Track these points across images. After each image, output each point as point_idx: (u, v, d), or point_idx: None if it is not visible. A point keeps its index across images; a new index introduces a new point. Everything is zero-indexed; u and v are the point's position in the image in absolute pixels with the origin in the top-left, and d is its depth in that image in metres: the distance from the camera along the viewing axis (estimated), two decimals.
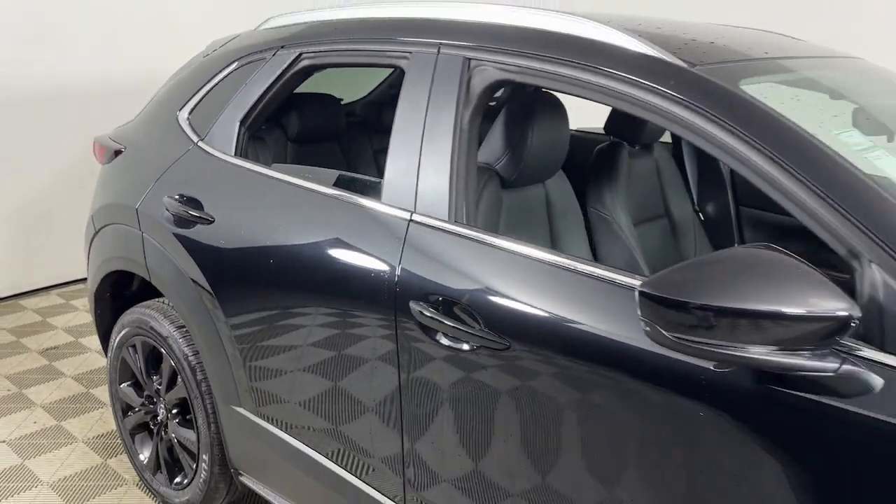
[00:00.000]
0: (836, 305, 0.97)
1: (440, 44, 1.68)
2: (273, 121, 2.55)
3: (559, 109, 1.87)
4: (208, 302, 2.04)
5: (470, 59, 1.62)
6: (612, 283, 1.27)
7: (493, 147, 1.84)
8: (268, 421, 1.98)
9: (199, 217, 2.06)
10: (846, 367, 1.01)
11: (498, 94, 2.30)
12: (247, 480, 2.19)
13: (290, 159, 2.53)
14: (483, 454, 1.47)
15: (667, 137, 2.61)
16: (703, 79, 1.31)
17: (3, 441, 2.89)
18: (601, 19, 1.49)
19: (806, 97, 1.52)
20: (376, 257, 1.62)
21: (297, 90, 2.21)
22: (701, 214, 2.52)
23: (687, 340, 1.02)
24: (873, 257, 1.06)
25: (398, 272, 1.56)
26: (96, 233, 2.51)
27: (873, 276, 1.05)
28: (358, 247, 1.67)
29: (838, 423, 1.02)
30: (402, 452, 1.62)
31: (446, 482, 1.55)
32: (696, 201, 2.56)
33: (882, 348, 1.04)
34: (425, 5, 1.81)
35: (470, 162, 1.62)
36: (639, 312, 1.05)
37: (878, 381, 1.01)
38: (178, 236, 2.12)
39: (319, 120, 2.58)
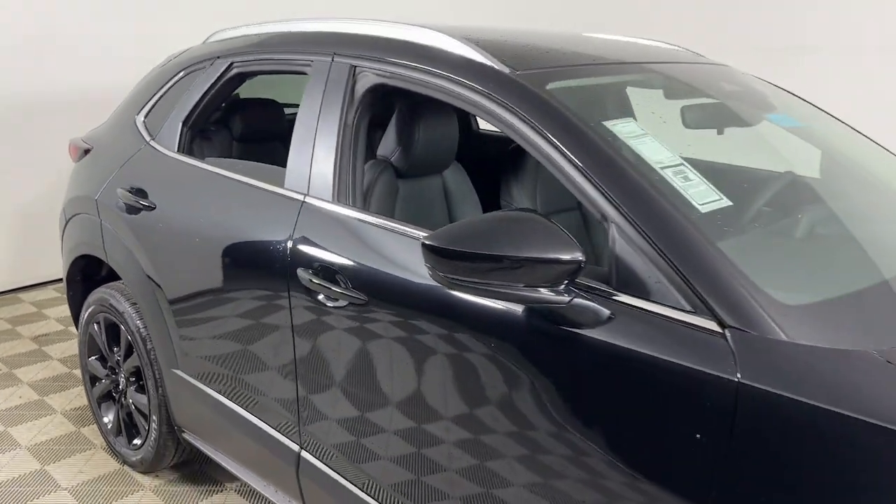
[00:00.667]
0: (568, 253, 1.26)
1: (334, 53, 1.99)
2: (221, 123, 2.86)
3: (446, 109, 2.16)
4: (151, 278, 2.35)
5: (355, 66, 1.92)
6: None
7: (389, 142, 2.14)
8: (198, 379, 2.29)
9: (144, 205, 2.38)
10: (577, 300, 1.29)
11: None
12: (188, 437, 2.49)
13: (234, 156, 2.85)
14: (354, 388, 1.75)
15: None
16: (516, 82, 1.59)
17: None
18: (451, 32, 1.78)
19: (612, 95, 1.80)
20: (276, 233, 1.91)
21: (244, 96, 2.52)
22: None
23: (458, 280, 1.30)
24: (612, 219, 1.34)
25: (290, 245, 1.86)
26: (67, 222, 2.85)
27: (612, 233, 1.33)
28: (264, 225, 1.97)
29: (576, 344, 1.30)
30: (296, 396, 1.92)
31: (329, 418, 1.84)
32: None
33: (615, 287, 1.32)
34: (326, 22, 2.12)
35: (355, 153, 1.92)
36: (423, 259, 1.33)
37: (605, 312, 1.29)
38: (127, 222, 2.44)
39: (261, 122, 2.90)
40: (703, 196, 1.40)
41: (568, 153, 1.43)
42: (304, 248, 1.83)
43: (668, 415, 1.20)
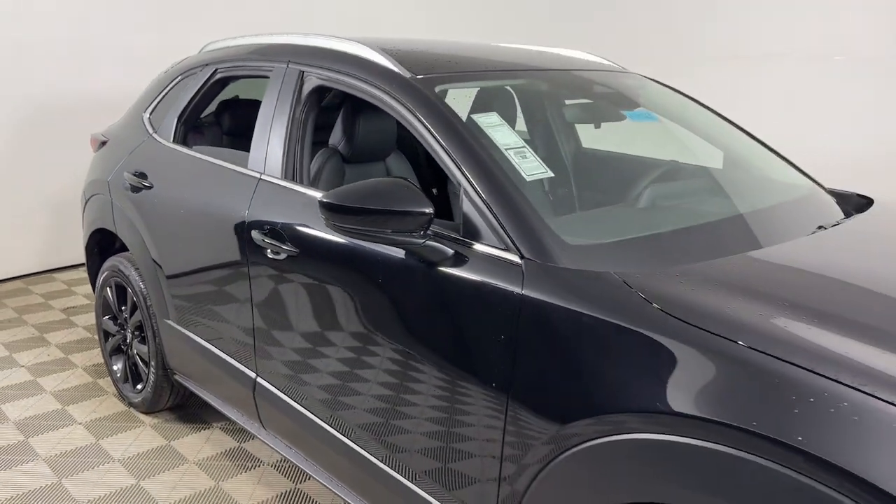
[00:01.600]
0: (422, 208, 1.73)
1: (288, 61, 2.49)
2: (215, 118, 3.38)
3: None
4: (147, 245, 2.88)
5: (303, 71, 2.42)
6: None
7: (336, 133, 2.63)
8: (183, 326, 2.80)
9: (145, 185, 2.91)
10: (429, 242, 1.75)
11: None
12: (179, 377, 3.01)
13: (224, 146, 3.37)
14: (291, 322, 2.24)
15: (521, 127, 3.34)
16: (411, 84, 2.07)
17: (23, 366, 3.78)
18: (372, 44, 2.26)
19: (493, 95, 2.27)
20: (238, 204, 2.42)
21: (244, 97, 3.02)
22: None
23: (345, 227, 1.78)
24: (462, 185, 1.81)
25: (247, 212, 2.36)
26: (86, 202, 3.40)
27: (461, 195, 1.80)
28: (230, 197, 2.47)
29: (430, 274, 1.77)
30: (252, 332, 2.41)
31: (275, 348, 2.33)
32: None
33: (461, 235, 1.78)
34: (285, 37, 2.62)
35: (302, 141, 2.41)
36: (320, 212, 1.81)
37: (449, 251, 1.75)
38: (132, 200, 2.98)
39: (245, 118, 3.41)
40: (533, 169, 1.86)
41: (439, 139, 1.90)
42: (257, 214, 2.33)
43: (486, 321, 1.66)
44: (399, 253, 1.85)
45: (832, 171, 5.24)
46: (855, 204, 2.34)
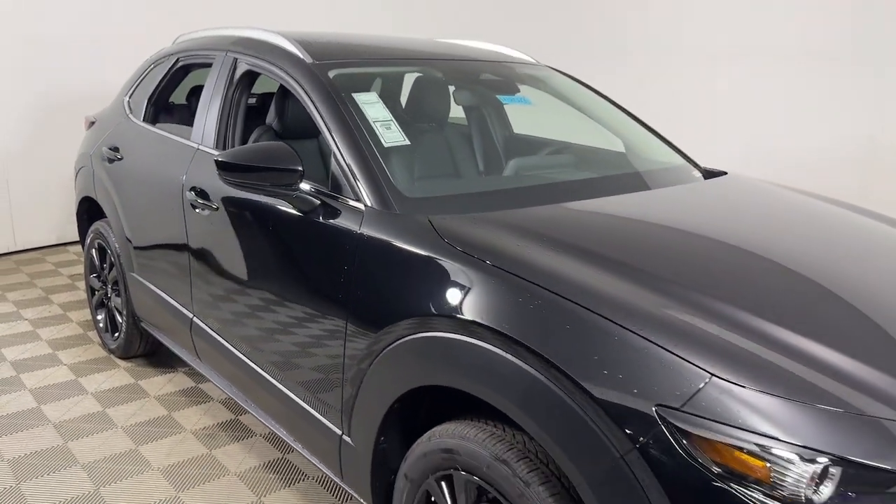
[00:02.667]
0: (294, 167, 2.14)
1: (228, 50, 2.93)
2: (186, 101, 3.84)
3: None
4: (117, 207, 3.36)
5: (236, 58, 2.86)
6: None
7: (271, 113, 3.05)
8: (143, 277, 3.27)
9: (117, 157, 3.39)
10: (299, 194, 2.16)
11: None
12: (144, 325, 3.48)
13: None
14: (214, 267, 2.67)
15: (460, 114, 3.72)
16: (310, 68, 2.48)
17: (26, 319, 4.31)
18: (287, 34, 2.67)
19: (382, 80, 2.66)
20: (179, 169, 2.86)
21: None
22: None
23: (235, 181, 2.20)
24: (332, 149, 2.21)
25: (185, 176, 2.81)
26: (76, 173, 3.91)
27: (332, 157, 2.21)
28: (174, 164, 2.92)
29: (301, 221, 2.18)
30: (189, 277, 2.86)
31: (204, 289, 2.77)
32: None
33: (329, 189, 2.18)
34: (227, 30, 3.06)
35: (235, 116, 2.83)
36: (216, 169, 2.23)
37: (315, 202, 2.16)
38: (107, 170, 3.47)
39: None
40: (393, 138, 2.26)
41: (321, 113, 2.31)
42: (191, 178, 2.78)
43: (336, 254, 2.06)
44: (281, 204, 2.27)
45: (781, 166, 5.56)
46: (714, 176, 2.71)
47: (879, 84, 5.12)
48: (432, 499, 1.85)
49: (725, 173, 2.85)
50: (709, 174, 2.85)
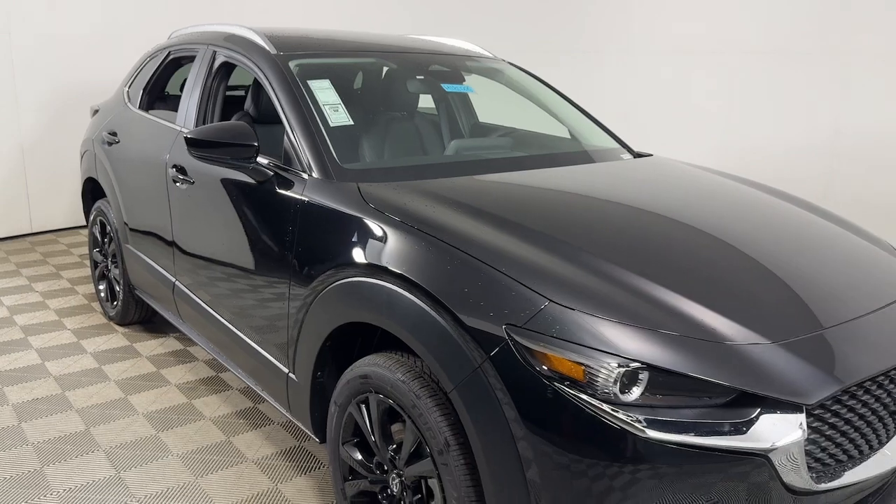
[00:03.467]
0: (251, 142, 2.49)
1: (209, 44, 3.30)
2: (181, 90, 4.21)
3: None
4: (114, 186, 3.75)
5: (215, 51, 3.22)
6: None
7: (248, 100, 3.42)
8: (135, 248, 3.65)
9: (114, 140, 3.78)
10: (254, 166, 2.51)
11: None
12: (139, 293, 3.87)
13: None
14: (192, 235, 3.04)
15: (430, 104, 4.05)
16: (273, 59, 2.82)
17: (37, 291, 4.72)
18: (258, 29, 3.02)
19: (338, 69, 3.01)
20: (164, 149, 3.23)
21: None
22: None
23: (202, 155, 2.56)
24: (286, 128, 2.55)
25: (168, 156, 3.18)
26: (82, 156, 4.31)
27: (285, 136, 2.55)
28: (161, 145, 3.29)
29: (257, 190, 2.53)
30: (172, 245, 3.22)
31: (184, 256, 3.14)
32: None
33: (282, 163, 2.53)
34: (210, 26, 3.43)
35: (214, 103, 3.20)
36: (185, 145, 2.59)
37: (269, 173, 2.51)
38: (106, 153, 3.86)
39: None
40: (339, 119, 2.60)
41: (279, 97, 2.66)
42: (173, 157, 3.14)
43: (284, 217, 2.41)
44: (241, 176, 2.62)
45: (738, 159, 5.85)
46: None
47: (843, 76, 5.37)
48: (356, 421, 2.19)
49: (651, 155, 3.17)
50: (638, 155, 3.16)
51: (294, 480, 2.69)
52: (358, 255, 2.09)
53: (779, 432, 1.55)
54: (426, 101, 3.71)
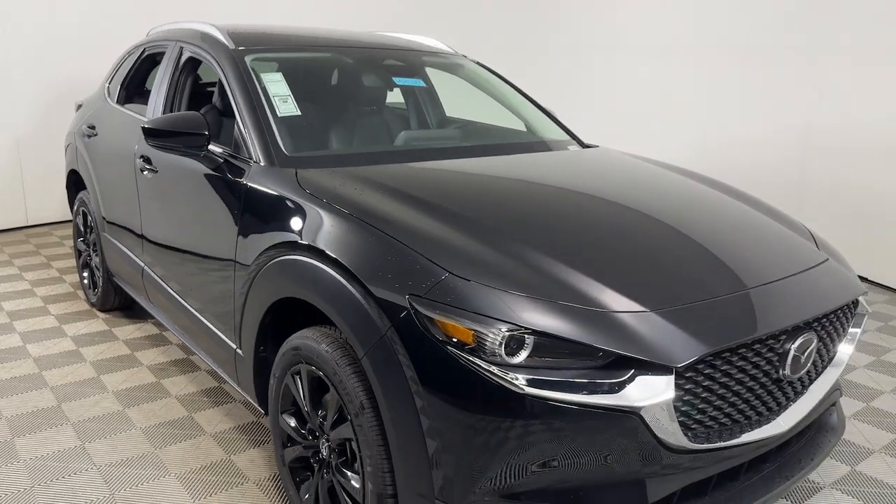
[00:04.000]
0: (202, 132, 2.65)
1: (178, 41, 3.46)
2: None
3: None
4: (92, 176, 3.92)
5: (182, 47, 3.38)
6: None
7: (216, 94, 3.58)
8: (111, 235, 3.83)
9: (93, 133, 3.95)
10: (206, 154, 2.67)
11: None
12: (116, 279, 4.04)
13: None
14: (156, 221, 3.20)
15: (399, 99, 4.20)
16: (230, 54, 2.98)
17: (27, 280, 4.91)
18: (220, 26, 3.18)
19: (293, 63, 3.16)
20: (133, 141, 3.40)
21: None
22: None
23: (157, 144, 2.72)
24: (236, 118, 2.71)
25: (137, 145, 3.34)
26: (66, 150, 4.49)
27: (235, 125, 2.71)
28: (130, 137, 3.46)
29: (208, 175, 2.69)
30: (141, 231, 3.39)
31: (150, 241, 3.30)
32: None
33: (232, 150, 2.68)
34: (177, 24, 3.59)
35: (181, 96, 3.36)
36: (143, 135, 2.75)
37: (219, 161, 2.66)
38: (85, 145, 4.03)
39: None
40: (288, 110, 2.75)
41: (233, 90, 2.82)
42: (141, 147, 3.30)
43: (231, 201, 2.57)
44: (196, 164, 2.78)
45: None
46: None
47: (813, 73, 5.47)
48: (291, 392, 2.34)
49: (598, 147, 3.30)
50: (586, 147, 3.30)
51: (247, 452, 2.85)
52: (290, 234, 2.24)
53: (649, 392, 1.68)
54: (397, 97, 3.87)
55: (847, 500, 2.62)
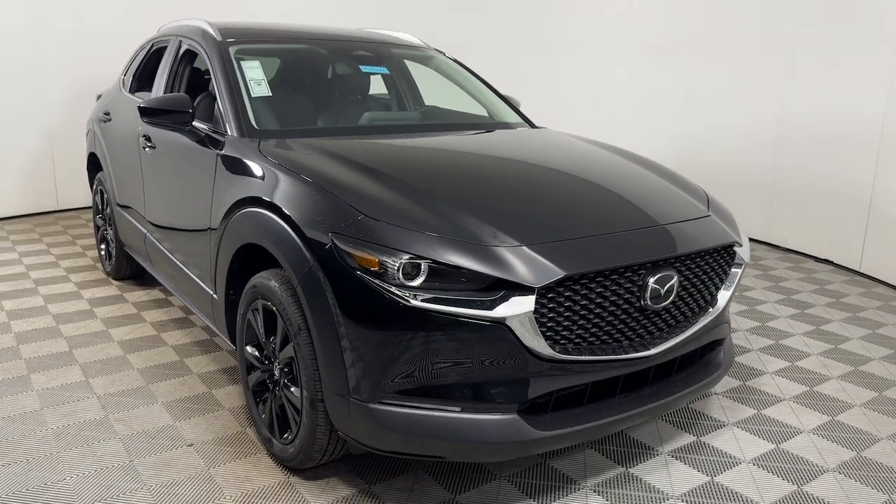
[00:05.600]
0: (186, 109, 3.11)
1: (178, 35, 3.94)
2: None
3: None
4: (106, 156, 4.43)
5: (181, 41, 3.86)
6: None
7: (211, 84, 4.05)
8: (121, 207, 4.33)
9: (108, 118, 4.47)
10: (190, 129, 3.12)
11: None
12: (127, 249, 4.54)
13: None
14: (156, 190, 3.68)
15: (382, 90, 4.64)
16: (217, 46, 3.43)
17: (53, 255, 5.46)
18: (213, 23, 3.64)
19: (273, 53, 3.60)
20: (138, 122, 3.88)
21: None
22: None
23: (152, 122, 3.19)
24: (216, 99, 3.17)
25: (140, 127, 3.83)
26: (86, 135, 5.02)
27: (216, 104, 3.16)
28: (136, 119, 3.93)
29: (193, 149, 3.15)
30: (143, 201, 3.87)
31: (151, 208, 3.77)
32: None
33: (211, 125, 3.14)
34: (180, 21, 4.07)
35: (180, 84, 3.84)
36: (139, 114, 3.22)
37: (202, 134, 3.12)
38: (101, 129, 4.55)
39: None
40: (260, 92, 3.20)
41: (216, 75, 3.27)
42: (144, 127, 3.79)
43: (207, 169, 3.02)
44: (184, 138, 3.25)
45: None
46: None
47: (786, 67, 5.77)
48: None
49: (544, 128, 3.70)
50: (533, 128, 3.70)
51: (225, 388, 3.29)
52: (248, 191, 2.68)
53: (515, 308, 2.08)
54: (381, 88, 4.31)
55: (745, 435, 2.97)
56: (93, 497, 2.46)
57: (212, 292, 3.07)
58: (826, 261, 5.68)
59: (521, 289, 2.10)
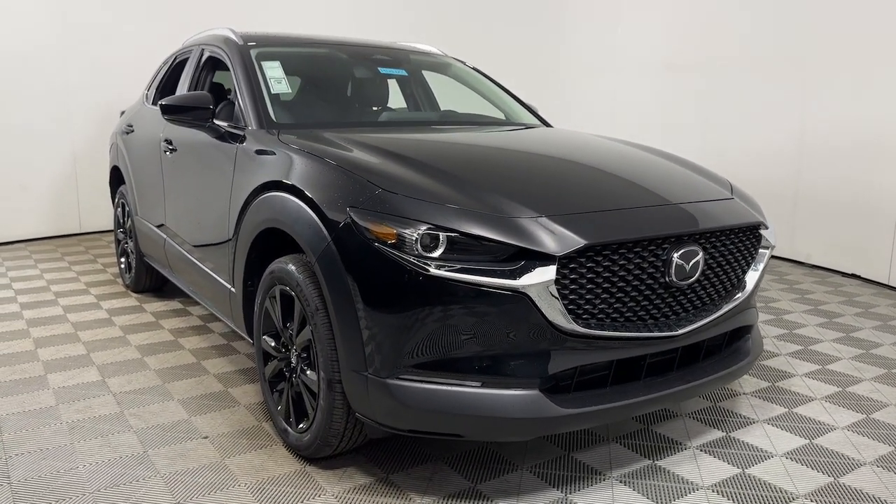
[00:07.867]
0: (207, 106, 3.14)
1: (200, 45, 4.01)
2: None
3: None
4: (129, 167, 4.48)
5: (203, 49, 3.93)
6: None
7: (232, 87, 4.09)
8: (141, 217, 4.35)
9: (131, 130, 4.53)
10: (210, 126, 3.15)
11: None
12: (147, 259, 4.55)
13: None
14: (176, 191, 3.69)
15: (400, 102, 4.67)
16: (239, 49, 3.48)
17: (74, 272, 5.49)
18: (235, 31, 3.71)
19: (292, 56, 3.64)
20: (159, 129, 3.93)
21: None
22: None
23: (173, 119, 3.21)
24: (236, 96, 3.20)
25: (162, 133, 3.87)
26: (109, 149, 5.09)
27: (236, 101, 3.19)
28: (157, 126, 3.98)
29: (216, 144, 3.17)
30: (163, 203, 3.89)
31: (170, 209, 3.79)
32: None
33: (233, 122, 3.17)
34: (203, 32, 4.15)
35: (200, 89, 3.89)
36: (160, 111, 3.25)
37: (222, 131, 3.14)
38: (124, 141, 4.61)
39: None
40: (280, 89, 3.22)
41: (237, 75, 3.31)
42: (165, 132, 3.83)
43: (227, 160, 3.03)
44: (205, 136, 3.27)
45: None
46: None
47: (807, 83, 5.75)
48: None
49: (552, 126, 3.70)
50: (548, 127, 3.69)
51: (242, 386, 3.25)
52: (268, 176, 2.68)
53: (534, 276, 2.03)
54: (399, 102, 4.34)
55: (776, 431, 2.86)
56: (105, 483, 2.41)
57: (230, 286, 3.05)
58: (853, 275, 5.56)
59: (542, 258, 2.05)
